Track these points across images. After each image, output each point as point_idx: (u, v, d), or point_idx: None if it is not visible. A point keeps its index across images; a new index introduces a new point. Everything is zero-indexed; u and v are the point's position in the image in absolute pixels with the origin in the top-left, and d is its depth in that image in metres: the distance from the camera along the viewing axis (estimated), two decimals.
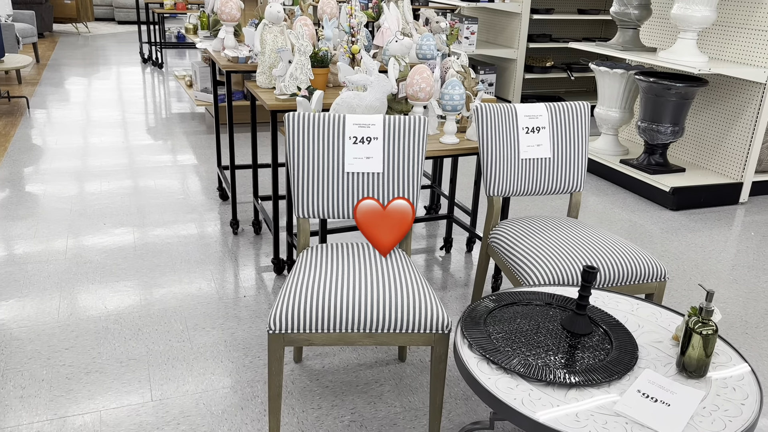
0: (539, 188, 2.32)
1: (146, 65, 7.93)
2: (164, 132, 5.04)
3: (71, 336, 2.32)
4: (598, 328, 1.68)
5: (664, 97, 3.85)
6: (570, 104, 2.33)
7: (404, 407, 2.04)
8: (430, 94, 2.38)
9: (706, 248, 3.34)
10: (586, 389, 1.45)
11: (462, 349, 1.56)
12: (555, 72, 5.93)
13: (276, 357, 1.70)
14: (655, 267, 2.04)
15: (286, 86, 2.60)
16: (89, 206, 3.49)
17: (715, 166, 4.15)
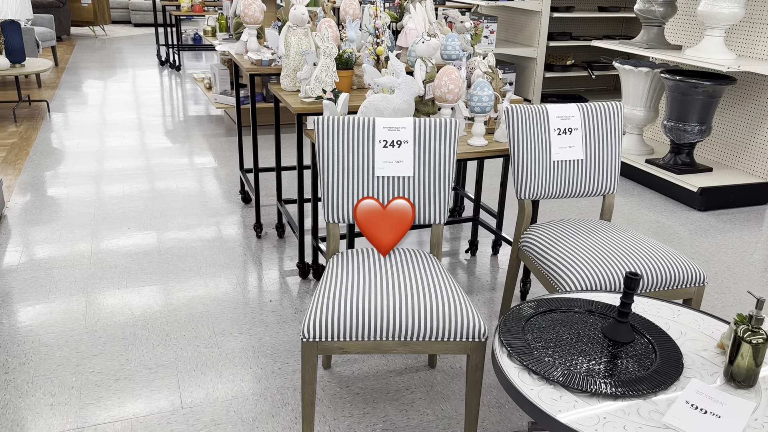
0: (571, 191, 2.28)
1: (164, 68, 7.95)
2: (183, 134, 5.04)
3: (99, 342, 2.31)
4: (641, 336, 1.63)
5: (690, 95, 3.78)
6: (603, 104, 2.28)
7: (437, 415, 2.00)
8: (458, 96, 2.34)
9: (737, 250, 3.28)
10: (632, 400, 1.41)
11: (501, 358, 1.53)
12: (575, 70, 5.86)
13: (310, 365, 1.68)
14: (694, 272, 1.99)
15: (311, 89, 2.58)
16: (112, 210, 3.49)
17: (743, 165, 4.07)
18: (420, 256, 1.96)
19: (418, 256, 1.96)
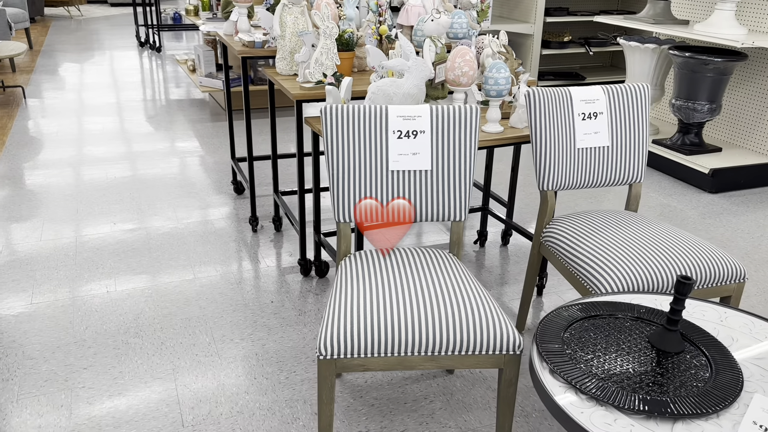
0: (596, 180, 2.12)
1: (143, 49, 7.65)
2: (167, 120, 4.81)
3: (89, 353, 2.13)
4: (691, 344, 1.49)
5: (700, 72, 3.63)
6: (629, 86, 2.12)
7: (460, 428, 1.86)
8: (473, 79, 2.16)
9: (754, 234, 3.15)
10: (693, 422, 1.26)
11: (543, 374, 1.37)
12: (573, 47, 5.69)
13: (327, 385, 1.51)
14: (735, 267, 1.85)
15: (311, 73, 2.38)
16: (96, 203, 3.28)
17: (754, 145, 3.94)
18: (440, 258, 1.80)
19: (439, 258, 1.80)
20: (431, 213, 1.84)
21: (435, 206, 1.83)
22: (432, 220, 1.85)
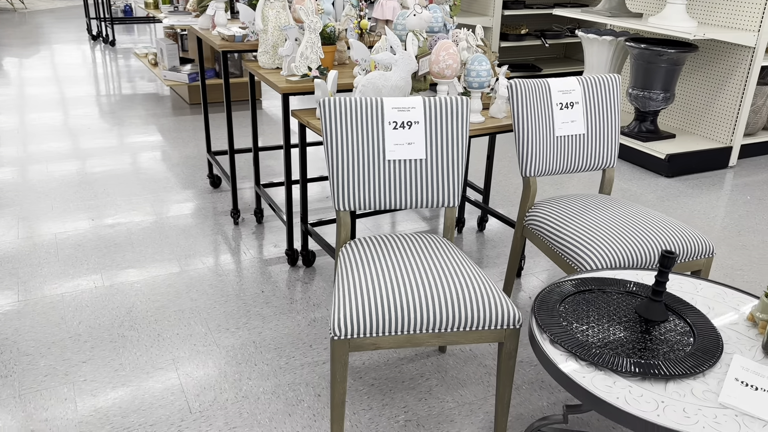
0: (574, 166, 2.25)
1: (96, 43, 7.48)
2: (129, 115, 4.76)
3: (86, 347, 2.15)
4: (673, 313, 1.63)
5: (655, 63, 3.83)
6: (602, 77, 2.26)
7: (457, 402, 1.96)
8: (456, 71, 2.26)
9: (708, 215, 3.37)
10: (683, 381, 1.40)
11: (544, 344, 1.49)
12: (529, 39, 5.86)
13: (341, 364, 1.59)
14: (704, 243, 2.01)
15: (297, 67, 2.44)
16: (71, 200, 3.25)
17: (704, 131, 4.19)
18: (436, 242, 1.89)
19: (434, 242, 1.89)
20: (426, 200, 1.93)
21: (429, 193, 1.93)
22: (426, 206, 1.94)
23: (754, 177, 3.93)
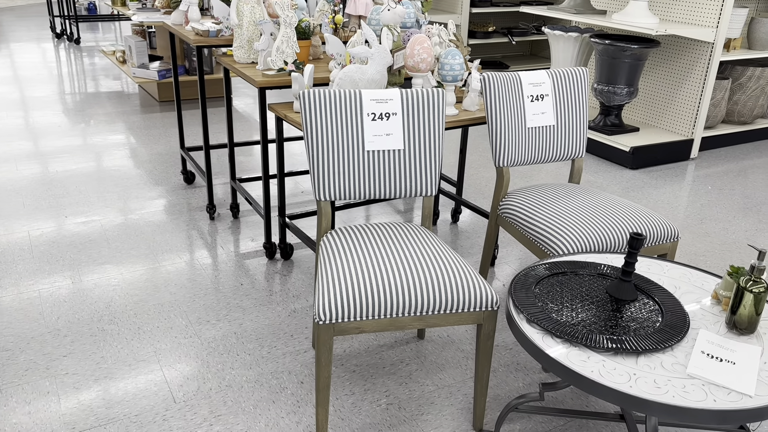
0: (545, 156, 2.33)
1: (60, 41, 7.36)
2: (98, 113, 4.71)
3: (66, 341, 2.15)
4: (642, 293, 1.71)
5: (619, 59, 3.95)
6: (570, 70, 2.34)
7: (436, 385, 2.02)
8: (430, 65, 2.32)
9: (672, 204, 3.49)
10: (653, 355, 1.47)
11: (521, 323, 1.55)
12: (496, 37, 5.97)
13: (326, 348, 1.63)
14: (670, 228, 2.10)
15: (273, 61, 2.47)
16: (42, 198, 3.22)
17: (667, 124, 4.33)
18: (414, 230, 1.95)
19: (413, 230, 1.94)
20: (404, 189, 1.98)
21: (408, 183, 1.98)
22: (405, 196, 1.99)
23: (715, 168, 4.08)
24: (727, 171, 4.03)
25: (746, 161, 4.23)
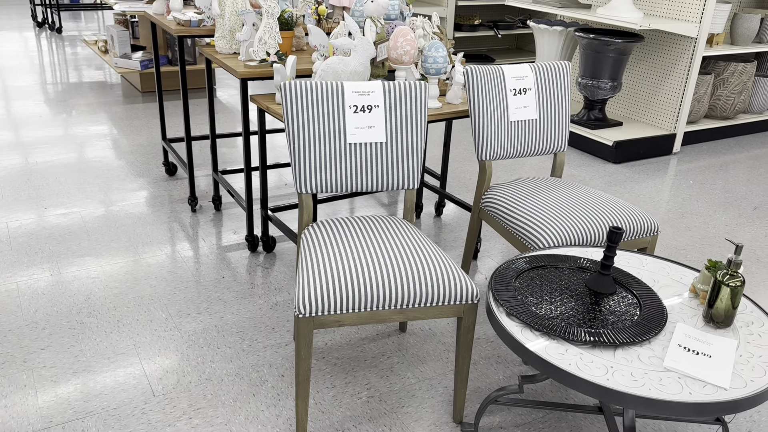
0: (527, 150, 2.33)
1: (41, 30, 7.25)
2: (79, 104, 4.65)
3: (44, 334, 2.12)
4: (621, 286, 1.72)
5: (603, 53, 3.96)
6: (553, 64, 2.34)
7: (417, 378, 2.02)
8: (414, 58, 2.31)
9: (654, 198, 3.52)
10: (630, 348, 1.48)
11: (501, 316, 1.56)
12: (482, 30, 5.96)
13: (306, 341, 1.63)
14: (649, 222, 2.11)
15: (255, 52, 2.45)
16: (21, 189, 3.18)
17: (650, 118, 4.35)
18: (396, 223, 1.94)
19: (395, 224, 1.94)
20: (387, 182, 1.98)
21: (390, 176, 1.97)
22: (387, 189, 1.99)
23: (697, 163, 4.11)
24: (709, 166, 4.07)
25: (728, 156, 4.27)
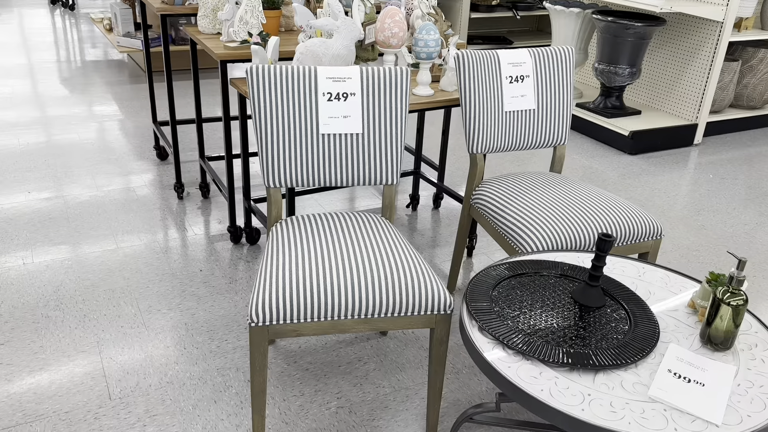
0: (523, 143, 2.16)
1: (55, 7, 7.18)
2: (83, 83, 4.56)
3: (6, 328, 2.03)
4: (611, 299, 1.55)
5: (621, 37, 3.73)
6: (554, 49, 2.15)
7: (393, 387, 1.89)
8: (402, 41, 2.14)
9: (670, 193, 3.31)
10: (613, 372, 1.32)
11: (472, 332, 1.40)
12: (500, 11, 5.72)
13: (260, 352, 1.50)
14: (653, 225, 1.93)
15: (235, 32, 2.30)
16: (8, 172, 3.09)
17: (670, 107, 4.11)
18: (372, 222, 1.79)
19: (371, 222, 1.79)
20: (363, 177, 1.83)
21: (367, 170, 1.82)
22: (364, 184, 1.84)
23: (719, 155, 3.87)
24: (732, 159, 3.83)
25: (753, 148, 4.02)
